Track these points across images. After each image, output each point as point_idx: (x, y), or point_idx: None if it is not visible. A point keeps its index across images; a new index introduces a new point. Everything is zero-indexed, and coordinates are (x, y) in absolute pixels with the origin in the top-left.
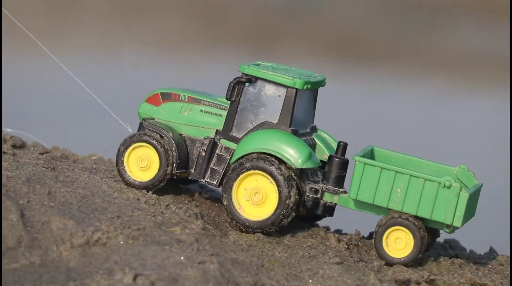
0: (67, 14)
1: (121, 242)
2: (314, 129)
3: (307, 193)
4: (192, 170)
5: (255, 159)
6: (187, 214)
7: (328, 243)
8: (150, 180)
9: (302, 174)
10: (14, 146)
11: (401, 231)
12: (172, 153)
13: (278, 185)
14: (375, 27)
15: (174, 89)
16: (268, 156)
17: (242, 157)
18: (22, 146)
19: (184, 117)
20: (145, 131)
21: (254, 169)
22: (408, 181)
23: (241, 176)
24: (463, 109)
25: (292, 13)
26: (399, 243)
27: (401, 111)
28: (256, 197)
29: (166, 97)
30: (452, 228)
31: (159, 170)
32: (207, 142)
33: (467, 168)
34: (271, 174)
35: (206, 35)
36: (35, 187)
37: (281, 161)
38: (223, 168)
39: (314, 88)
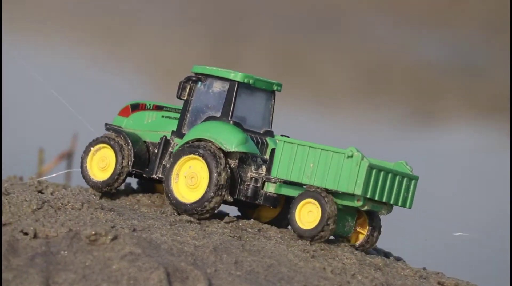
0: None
1: None
2: (269, 133)
3: (247, 182)
4: (147, 169)
5: (190, 146)
6: (373, 284)
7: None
8: (109, 177)
9: (243, 163)
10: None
11: (312, 204)
12: (128, 150)
13: (207, 164)
14: None
15: (143, 101)
16: (202, 142)
17: (181, 146)
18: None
19: (148, 124)
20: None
21: (188, 154)
22: (319, 155)
23: (178, 162)
24: None
25: (455, 71)
26: (311, 216)
27: None
28: (191, 181)
29: (135, 108)
30: (363, 201)
31: (115, 166)
32: (161, 141)
33: (405, 163)
34: (202, 156)
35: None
36: (222, 256)
37: (215, 145)
38: None
39: (259, 87)
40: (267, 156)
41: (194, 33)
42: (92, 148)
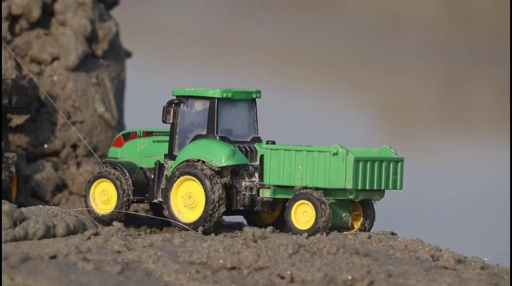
0: None
1: None
2: (257, 140)
3: (243, 192)
4: (147, 195)
5: (183, 167)
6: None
7: None
8: (113, 209)
9: (236, 174)
10: (458, 261)
11: (305, 204)
12: (126, 180)
13: (202, 184)
14: None
15: (133, 129)
16: (194, 162)
17: (174, 169)
18: (461, 261)
19: (142, 151)
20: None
21: (182, 175)
22: (305, 157)
23: (175, 184)
24: None
25: None
26: (306, 216)
27: None
28: (190, 201)
29: (127, 137)
30: (356, 194)
31: (117, 197)
32: (155, 166)
33: (389, 147)
34: (195, 175)
35: None
36: None
37: (207, 164)
38: None
39: (238, 98)
40: (257, 163)
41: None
42: (92, 184)
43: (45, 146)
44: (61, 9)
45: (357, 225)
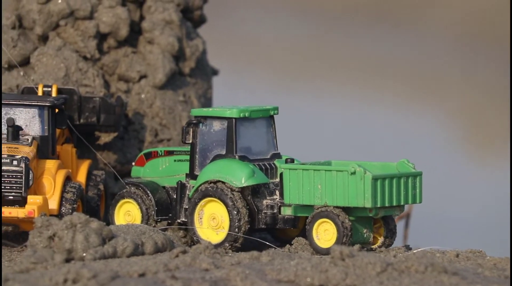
0: None
1: None
2: (277, 156)
3: (264, 210)
4: (170, 215)
5: (204, 189)
6: None
7: None
8: None
9: (257, 193)
10: None
11: (326, 223)
12: (149, 200)
13: (225, 205)
14: None
15: (155, 148)
16: (215, 184)
17: (196, 190)
18: None
19: (164, 170)
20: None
21: (204, 198)
22: (324, 176)
23: (197, 206)
24: None
25: None
26: (328, 234)
27: None
28: (213, 222)
29: (148, 156)
30: (375, 211)
31: (141, 217)
32: (177, 186)
33: (407, 161)
34: (217, 197)
35: None
36: None
37: (227, 185)
38: None
39: (255, 116)
40: (278, 179)
41: None
42: (116, 205)
43: (133, 164)
44: (149, 28)
45: (378, 240)
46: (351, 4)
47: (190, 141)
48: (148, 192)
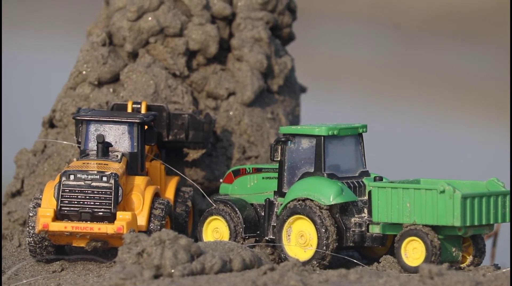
0: None
1: None
2: (365, 174)
3: (352, 228)
4: (258, 232)
5: (293, 207)
6: None
7: None
8: None
9: (345, 211)
10: None
11: (415, 241)
12: (237, 217)
13: (313, 222)
14: None
15: (243, 166)
16: (303, 201)
17: (284, 207)
18: None
19: (252, 187)
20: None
21: (292, 215)
22: (413, 194)
23: (286, 223)
24: None
25: None
26: (416, 252)
27: None
28: (301, 240)
29: (237, 173)
30: (464, 230)
31: (229, 235)
32: (265, 203)
33: (496, 179)
34: (305, 214)
35: None
36: None
37: (315, 203)
38: None
39: (344, 134)
40: (366, 197)
41: None
42: (204, 222)
43: (221, 180)
44: (237, 45)
45: (467, 259)
46: (439, 19)
47: (279, 159)
48: (237, 209)
